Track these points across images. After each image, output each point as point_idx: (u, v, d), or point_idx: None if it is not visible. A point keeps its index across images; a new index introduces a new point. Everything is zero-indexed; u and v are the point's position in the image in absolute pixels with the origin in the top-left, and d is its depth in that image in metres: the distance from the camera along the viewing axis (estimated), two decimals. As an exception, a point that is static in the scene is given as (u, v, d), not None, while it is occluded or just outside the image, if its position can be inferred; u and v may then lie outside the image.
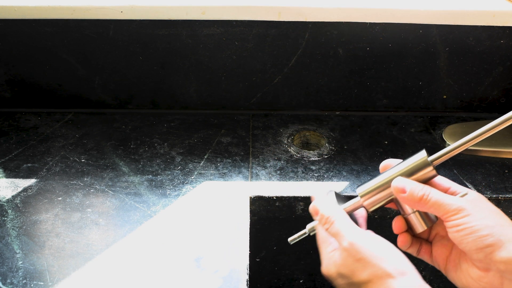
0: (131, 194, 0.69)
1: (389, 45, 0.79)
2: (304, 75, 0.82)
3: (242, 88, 0.83)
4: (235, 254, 0.62)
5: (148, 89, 0.84)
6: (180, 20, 0.76)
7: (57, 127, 0.81)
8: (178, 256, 0.61)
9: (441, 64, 0.80)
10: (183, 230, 0.65)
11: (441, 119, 0.84)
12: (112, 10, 0.74)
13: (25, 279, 0.58)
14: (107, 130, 0.81)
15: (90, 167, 0.74)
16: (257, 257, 0.78)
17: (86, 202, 0.68)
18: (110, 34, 0.77)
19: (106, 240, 0.63)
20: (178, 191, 0.70)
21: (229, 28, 0.77)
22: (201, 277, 0.59)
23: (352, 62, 0.80)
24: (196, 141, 0.79)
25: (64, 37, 0.78)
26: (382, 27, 0.77)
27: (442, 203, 0.51)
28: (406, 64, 0.81)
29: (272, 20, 0.76)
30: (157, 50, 0.79)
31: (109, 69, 0.81)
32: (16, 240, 0.63)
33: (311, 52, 0.80)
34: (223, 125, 0.83)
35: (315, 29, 0.77)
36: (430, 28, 0.77)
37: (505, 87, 0.83)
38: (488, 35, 0.78)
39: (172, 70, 0.82)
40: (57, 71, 0.81)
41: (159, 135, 0.80)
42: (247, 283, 0.58)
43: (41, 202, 0.68)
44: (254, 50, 0.79)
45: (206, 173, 0.73)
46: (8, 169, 0.73)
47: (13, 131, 0.80)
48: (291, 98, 0.85)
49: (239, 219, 0.67)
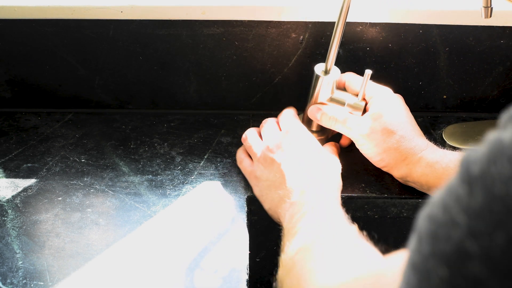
0: (131, 194, 0.69)
1: (389, 45, 0.79)
2: (304, 75, 0.82)
3: (242, 88, 0.83)
4: (235, 254, 0.62)
5: (148, 89, 0.84)
6: (180, 20, 0.76)
7: (57, 127, 0.81)
8: (178, 256, 0.61)
9: (441, 64, 0.80)
10: (183, 230, 0.65)
11: (441, 119, 0.84)
12: (112, 10, 0.74)
13: (25, 279, 0.58)
14: (107, 130, 0.81)
15: (90, 167, 0.74)
16: (257, 257, 0.78)
17: (86, 202, 0.68)
18: (110, 34, 0.77)
19: (106, 240, 0.63)
20: (178, 191, 0.70)
21: (229, 28, 0.77)
22: (201, 277, 0.59)
23: (352, 62, 0.80)
24: (196, 141, 0.79)
25: (64, 37, 0.78)
26: (382, 27, 0.77)
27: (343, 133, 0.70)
28: (406, 64, 0.81)
29: (272, 20, 0.76)
30: (157, 50, 0.79)
31: (109, 69, 0.81)
32: (16, 240, 0.63)
33: (311, 52, 0.80)
34: (223, 125, 0.83)
35: (315, 29, 0.77)
36: (430, 28, 0.77)
37: (505, 87, 0.83)
38: (488, 35, 0.78)
39: (172, 70, 0.82)
40: (57, 71, 0.81)
41: (159, 135, 0.80)
42: (247, 283, 0.58)
43: (41, 202, 0.68)
44: (254, 50, 0.79)
45: (206, 173, 0.73)
46: (8, 169, 0.73)
47: (13, 131, 0.80)
48: (291, 98, 0.85)
49: (239, 219, 0.67)
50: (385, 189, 0.72)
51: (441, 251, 0.26)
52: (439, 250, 0.26)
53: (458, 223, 0.26)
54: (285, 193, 0.62)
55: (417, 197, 0.70)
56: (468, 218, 0.25)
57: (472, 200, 0.25)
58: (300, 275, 0.51)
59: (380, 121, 0.67)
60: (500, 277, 0.24)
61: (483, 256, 0.25)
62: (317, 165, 0.65)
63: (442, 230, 0.26)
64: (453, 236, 0.26)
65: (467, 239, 0.25)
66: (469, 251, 0.25)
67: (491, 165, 0.25)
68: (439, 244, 0.26)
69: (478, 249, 0.25)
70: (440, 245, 0.26)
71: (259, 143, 0.70)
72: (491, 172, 0.25)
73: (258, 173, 0.67)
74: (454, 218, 0.26)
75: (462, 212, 0.26)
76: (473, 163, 0.26)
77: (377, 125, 0.66)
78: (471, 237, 0.25)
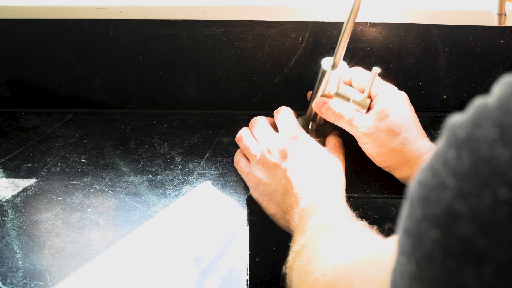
0: (131, 194, 0.69)
1: (389, 45, 0.79)
2: (304, 75, 0.82)
3: (242, 88, 0.83)
4: (235, 254, 0.62)
5: (148, 89, 0.84)
6: (180, 20, 0.76)
7: (57, 127, 0.81)
8: (178, 256, 0.61)
9: (441, 64, 0.80)
10: (183, 230, 0.65)
11: (441, 119, 0.84)
12: (112, 10, 0.74)
13: (25, 279, 0.58)
14: (107, 130, 0.81)
15: (90, 167, 0.74)
16: (257, 257, 0.78)
17: (86, 202, 0.68)
18: (110, 34, 0.77)
19: (106, 240, 0.63)
20: (178, 191, 0.70)
21: (229, 28, 0.77)
22: (201, 277, 0.59)
23: (352, 62, 0.80)
24: (196, 141, 0.79)
25: (64, 37, 0.78)
26: (382, 27, 0.77)
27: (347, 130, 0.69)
28: (406, 64, 0.81)
29: (272, 20, 0.76)
30: (157, 50, 0.79)
31: (109, 69, 0.81)
32: (16, 240, 0.63)
33: (311, 52, 0.80)
34: (223, 125, 0.83)
35: (315, 29, 0.77)
36: (430, 28, 0.77)
37: (505, 87, 0.83)
38: (488, 35, 0.78)
39: (172, 70, 0.82)
40: (57, 71, 0.81)
41: (159, 135, 0.80)
42: (247, 283, 0.58)
43: (41, 202, 0.68)
44: (254, 50, 0.79)
45: (206, 173, 0.73)
46: (8, 169, 0.73)
47: (13, 131, 0.80)
48: (291, 98, 0.85)
49: (239, 219, 0.67)
50: (385, 189, 0.72)
51: (432, 214, 0.27)
52: (430, 213, 0.27)
53: (447, 186, 0.27)
54: (293, 199, 0.62)
55: (417, 197, 0.70)
56: (457, 180, 0.26)
57: (459, 162, 0.26)
58: (309, 256, 0.52)
59: (385, 121, 0.66)
60: (487, 235, 0.25)
61: (471, 216, 0.25)
62: (321, 167, 0.65)
63: (432, 194, 0.27)
64: (442, 198, 0.27)
65: (456, 201, 0.26)
66: (459, 211, 0.26)
67: (477, 128, 0.26)
68: (430, 207, 0.27)
69: (467, 209, 0.26)
70: (431, 208, 0.27)
71: (256, 144, 0.70)
72: (476, 135, 0.26)
73: (257, 175, 0.67)
74: (443, 181, 0.27)
75: (450, 175, 0.27)
76: (459, 127, 0.27)
77: (382, 125, 0.66)
78: (460, 198, 0.26)
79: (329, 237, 0.54)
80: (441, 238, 0.26)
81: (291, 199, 0.63)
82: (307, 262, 0.51)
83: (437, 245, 0.27)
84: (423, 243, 0.27)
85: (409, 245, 0.28)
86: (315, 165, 0.65)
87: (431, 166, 0.28)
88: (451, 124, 0.28)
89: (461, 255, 0.26)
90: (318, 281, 0.48)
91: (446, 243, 0.26)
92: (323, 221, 0.57)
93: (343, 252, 0.50)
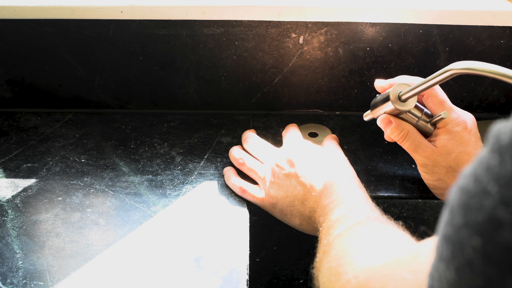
0: (131, 194, 0.69)
1: (389, 45, 0.79)
2: (304, 75, 0.82)
3: (242, 88, 0.84)
4: (235, 254, 0.62)
5: (148, 89, 0.84)
6: (180, 20, 0.76)
7: (57, 127, 0.81)
8: (178, 256, 0.61)
9: (441, 64, 0.80)
10: (183, 230, 0.65)
11: (441, 119, 0.84)
12: (112, 10, 0.74)
13: (25, 279, 0.58)
14: (107, 130, 0.81)
15: (90, 167, 0.74)
16: (257, 257, 0.78)
17: (86, 202, 0.68)
18: (110, 34, 0.77)
19: (106, 240, 0.63)
20: (178, 191, 0.70)
21: (229, 28, 0.77)
22: (201, 277, 0.59)
23: (352, 62, 0.80)
24: (196, 141, 0.79)
25: (64, 37, 0.78)
26: (382, 27, 0.77)
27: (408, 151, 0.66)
28: (406, 64, 0.81)
29: (272, 20, 0.76)
30: (157, 50, 0.79)
31: (109, 69, 0.81)
32: (16, 240, 0.63)
33: (311, 52, 0.80)
34: (223, 125, 0.83)
35: (315, 29, 0.77)
36: (430, 28, 0.77)
37: (505, 87, 0.83)
38: (488, 35, 0.78)
39: (172, 70, 0.82)
40: (57, 71, 0.81)
41: (159, 135, 0.80)
42: (247, 283, 0.58)
43: (41, 202, 0.68)
44: (254, 50, 0.79)
45: (206, 173, 0.73)
46: (8, 169, 0.73)
47: (13, 131, 0.80)
48: (291, 98, 0.85)
49: (239, 219, 0.67)
50: (385, 189, 0.72)
51: (473, 221, 0.27)
52: (472, 220, 0.27)
53: (489, 192, 0.26)
54: (313, 201, 0.63)
55: (417, 197, 0.71)
56: (499, 187, 0.26)
57: (503, 168, 0.26)
58: (340, 257, 0.51)
59: (447, 159, 0.64)
60: None
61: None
62: (328, 163, 0.66)
63: (473, 200, 0.27)
64: (485, 205, 0.26)
65: (499, 207, 0.25)
66: (501, 219, 0.25)
67: None
68: (471, 214, 0.27)
69: (510, 216, 0.25)
70: (472, 215, 0.27)
71: (261, 165, 0.70)
72: None
73: (273, 194, 0.67)
74: (485, 187, 0.26)
75: (493, 181, 0.26)
76: (503, 133, 0.27)
77: (443, 161, 0.65)
78: (503, 205, 0.25)
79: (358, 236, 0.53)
80: (482, 245, 0.26)
81: (311, 202, 0.63)
82: (337, 264, 0.51)
83: (478, 252, 0.26)
84: (463, 251, 0.27)
85: (449, 252, 0.28)
86: (322, 163, 0.66)
87: (474, 172, 0.28)
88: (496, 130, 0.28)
89: (503, 263, 0.25)
90: (350, 283, 0.47)
91: (488, 250, 0.26)
92: (347, 215, 0.57)
93: (375, 253, 0.49)
